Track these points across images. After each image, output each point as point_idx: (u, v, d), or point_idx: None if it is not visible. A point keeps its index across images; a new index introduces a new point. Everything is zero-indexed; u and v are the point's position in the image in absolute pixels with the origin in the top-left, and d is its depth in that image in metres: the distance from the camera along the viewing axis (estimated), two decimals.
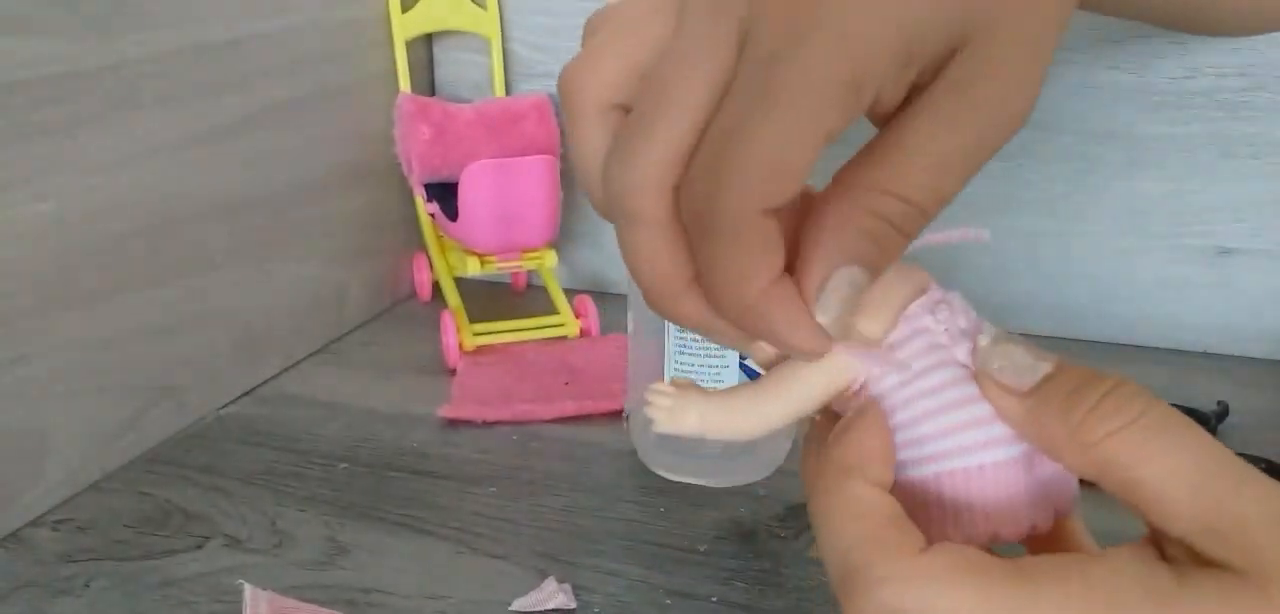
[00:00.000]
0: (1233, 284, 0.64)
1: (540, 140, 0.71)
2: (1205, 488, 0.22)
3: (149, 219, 0.53)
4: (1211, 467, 0.22)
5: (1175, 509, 0.22)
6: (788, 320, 0.24)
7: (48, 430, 0.48)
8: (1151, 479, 0.22)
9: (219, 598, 0.42)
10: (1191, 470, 0.22)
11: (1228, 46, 0.61)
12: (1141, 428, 0.23)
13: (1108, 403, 0.23)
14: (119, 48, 0.51)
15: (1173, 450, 0.23)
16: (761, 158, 0.22)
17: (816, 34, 0.22)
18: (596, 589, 0.43)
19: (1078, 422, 0.23)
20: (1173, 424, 0.23)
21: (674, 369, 0.49)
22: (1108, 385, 0.24)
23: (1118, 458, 0.23)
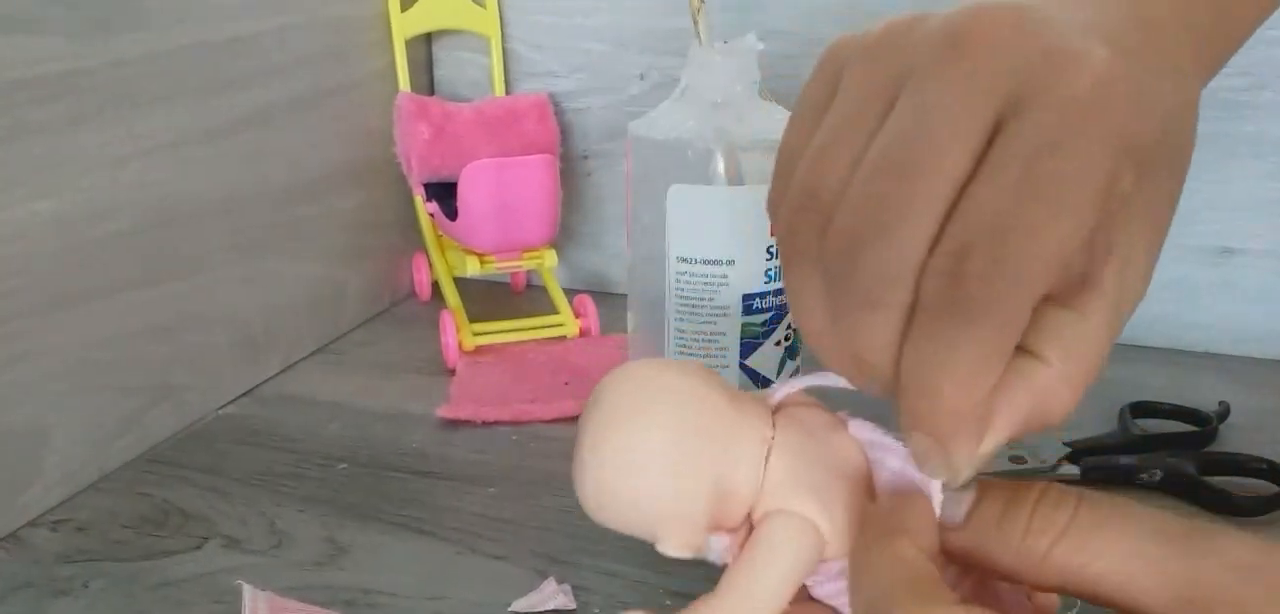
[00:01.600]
0: (1234, 284, 0.64)
1: (540, 140, 0.71)
2: (1167, 560, 0.22)
3: (149, 219, 0.53)
4: (1164, 537, 0.22)
5: (1144, 589, 0.22)
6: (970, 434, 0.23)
7: (47, 430, 0.48)
8: (1113, 569, 0.22)
9: (218, 598, 0.42)
10: (1146, 548, 0.22)
11: None
12: (1079, 528, 0.23)
13: (1040, 513, 0.23)
14: (119, 48, 0.50)
15: (1119, 535, 0.22)
16: (1047, 252, 0.21)
17: (1093, 126, 0.22)
18: (596, 589, 0.42)
19: (1018, 544, 0.23)
20: (1109, 510, 0.23)
21: None
22: (1033, 496, 0.23)
23: (1069, 563, 0.23)
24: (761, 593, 0.26)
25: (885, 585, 0.23)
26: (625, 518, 0.27)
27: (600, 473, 0.27)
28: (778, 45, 0.69)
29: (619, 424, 0.27)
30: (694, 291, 0.48)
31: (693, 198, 0.47)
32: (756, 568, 0.26)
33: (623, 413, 0.27)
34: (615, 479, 0.27)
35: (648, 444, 0.26)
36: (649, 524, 0.27)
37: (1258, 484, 0.48)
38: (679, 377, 0.28)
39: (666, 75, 0.72)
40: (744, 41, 0.48)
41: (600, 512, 0.28)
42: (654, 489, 0.26)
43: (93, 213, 0.50)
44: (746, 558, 0.26)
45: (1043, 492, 0.23)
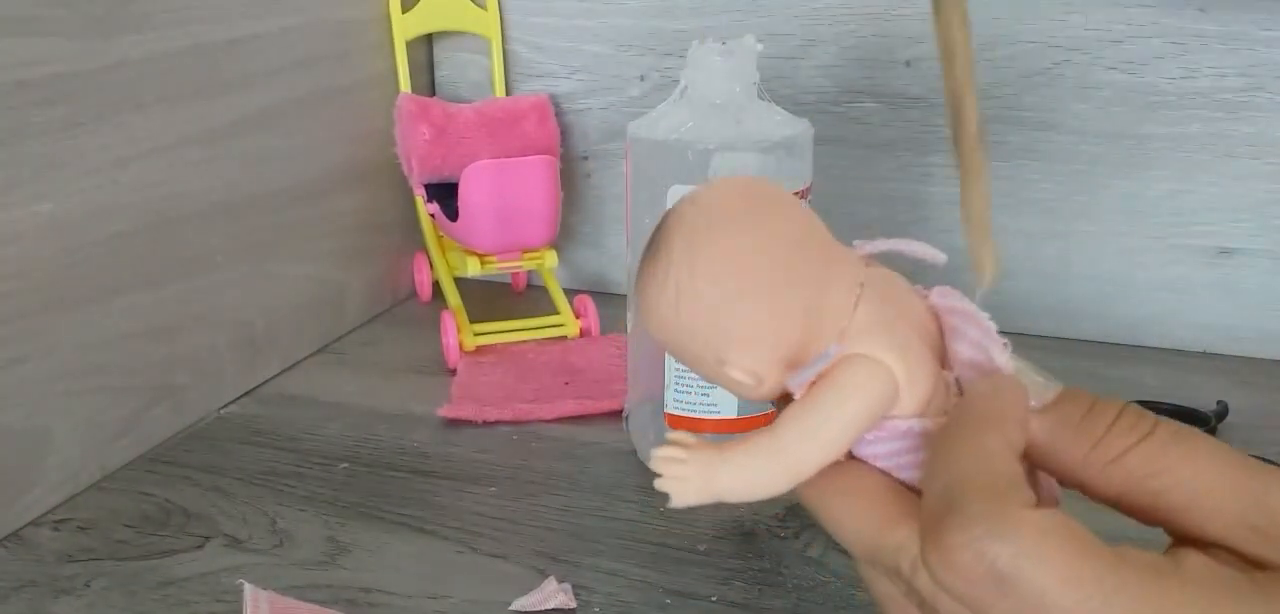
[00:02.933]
0: (1233, 284, 0.64)
1: (540, 140, 0.71)
2: (1237, 486, 0.22)
3: (149, 219, 0.53)
4: (1236, 466, 0.22)
5: (1212, 508, 0.22)
6: None
7: (48, 430, 0.48)
8: (1181, 484, 0.22)
9: (219, 598, 0.42)
10: (1218, 471, 0.22)
11: (1228, 46, 0.61)
12: (1158, 439, 0.23)
13: (1122, 422, 0.23)
14: (119, 48, 0.51)
15: (1194, 455, 0.23)
16: None
17: None
18: (596, 589, 0.43)
19: (1096, 441, 0.23)
20: (1187, 433, 0.23)
21: (673, 368, 0.49)
22: (1118, 408, 0.24)
23: (1140, 470, 0.23)
24: (827, 432, 0.24)
25: (964, 473, 0.22)
26: (701, 330, 0.25)
27: (693, 274, 0.24)
28: (777, 46, 0.69)
29: (725, 226, 0.25)
30: None
31: None
32: (827, 406, 0.24)
33: (729, 216, 0.25)
34: (710, 281, 0.24)
35: (754, 250, 0.24)
36: (724, 341, 0.25)
37: None
38: (783, 196, 0.26)
39: (666, 76, 0.72)
40: (743, 42, 0.48)
41: (675, 316, 0.25)
42: (749, 302, 0.24)
43: (94, 214, 0.50)
44: (818, 394, 0.24)
45: (1125, 406, 0.24)
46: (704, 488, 0.24)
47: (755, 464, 0.24)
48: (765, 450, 0.24)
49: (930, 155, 0.67)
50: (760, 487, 0.24)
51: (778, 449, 0.24)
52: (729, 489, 0.24)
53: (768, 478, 0.24)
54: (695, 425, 0.49)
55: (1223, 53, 0.61)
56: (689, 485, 0.24)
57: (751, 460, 0.24)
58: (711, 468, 0.24)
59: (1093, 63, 0.63)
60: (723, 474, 0.24)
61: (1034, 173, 0.66)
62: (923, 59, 0.66)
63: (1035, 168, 0.66)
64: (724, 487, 0.24)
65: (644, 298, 0.26)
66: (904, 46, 0.66)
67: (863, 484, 0.25)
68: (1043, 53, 0.64)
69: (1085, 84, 0.64)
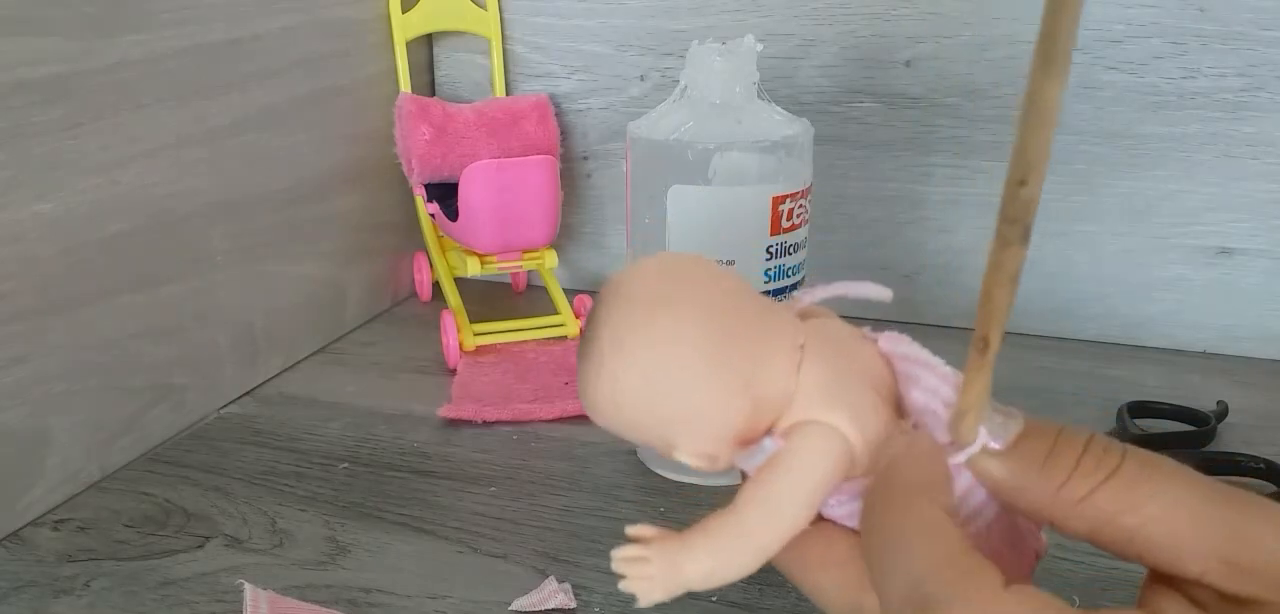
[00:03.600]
0: (1233, 284, 0.64)
1: (540, 140, 0.71)
2: (1210, 518, 0.21)
3: (148, 219, 0.53)
4: (1206, 497, 0.22)
5: (1185, 545, 0.21)
6: None
7: (48, 430, 0.48)
8: (1151, 520, 0.22)
9: (219, 598, 0.42)
10: (1188, 505, 0.22)
11: (1228, 46, 0.61)
12: (1126, 476, 0.22)
13: (1088, 459, 0.23)
14: (118, 47, 0.51)
15: (1163, 490, 0.22)
16: None
17: None
18: (596, 589, 0.43)
19: (1061, 482, 0.23)
20: (1155, 465, 0.22)
21: None
22: (1083, 440, 0.23)
23: (1108, 508, 0.22)
24: (789, 507, 0.24)
25: (927, 568, 0.22)
26: (643, 422, 0.24)
27: (623, 370, 0.24)
28: (777, 46, 0.69)
29: (648, 316, 0.24)
30: None
31: (692, 198, 0.47)
32: (786, 482, 0.24)
33: (652, 304, 0.24)
34: (641, 377, 0.24)
35: (681, 338, 0.24)
36: (669, 429, 0.24)
37: (1257, 484, 0.48)
38: (707, 268, 0.25)
39: (666, 76, 0.72)
40: (743, 42, 0.48)
41: (616, 413, 0.25)
42: (685, 389, 0.24)
43: (94, 214, 0.50)
44: (774, 468, 0.24)
45: (1091, 438, 0.23)
46: (670, 583, 0.24)
47: (720, 551, 0.24)
48: (730, 534, 0.24)
49: (930, 155, 0.67)
50: (727, 572, 0.24)
51: (741, 533, 0.24)
52: (696, 579, 0.24)
53: (735, 563, 0.24)
54: None
55: (1223, 53, 0.61)
56: (654, 584, 0.24)
57: (716, 547, 0.24)
58: (675, 561, 0.24)
59: (1093, 63, 0.63)
60: (687, 566, 0.24)
61: None
62: (923, 59, 0.66)
63: None
64: (690, 578, 0.24)
65: (583, 392, 0.25)
66: (904, 46, 0.66)
67: (836, 552, 0.25)
68: None
69: (1085, 84, 0.64)
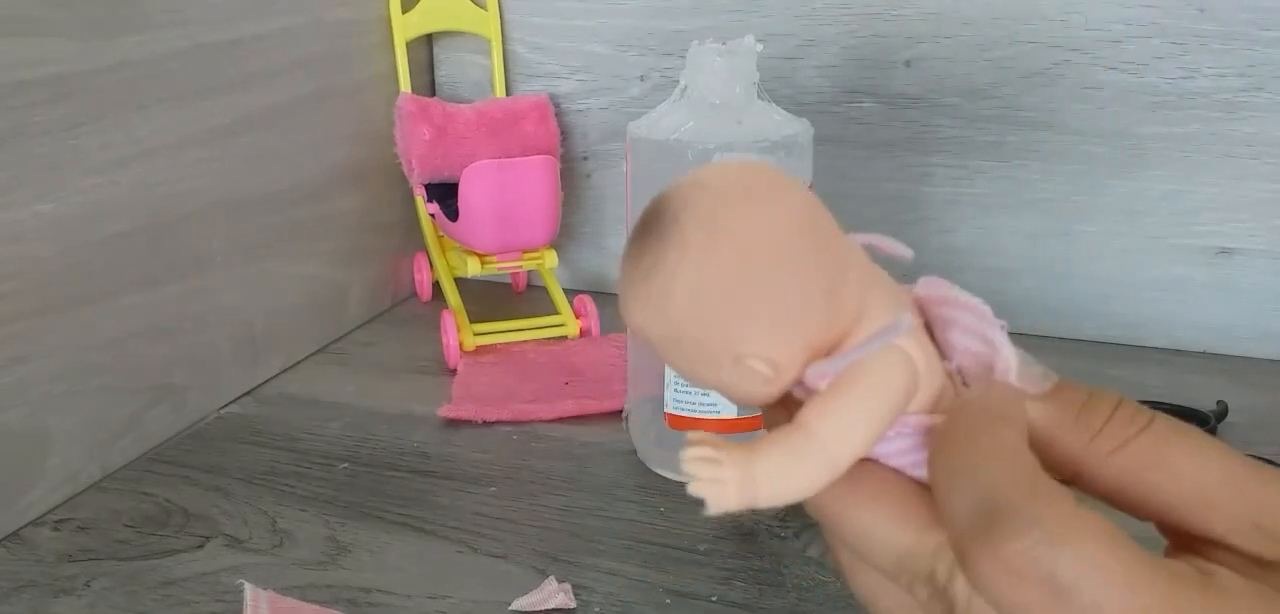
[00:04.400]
0: (1233, 284, 0.64)
1: (540, 140, 0.71)
2: (1237, 482, 0.22)
3: (149, 219, 0.53)
4: (1238, 462, 0.22)
5: (1213, 503, 0.22)
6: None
7: (48, 430, 0.48)
8: (1181, 478, 0.22)
9: (219, 597, 0.42)
10: (1220, 467, 0.22)
11: (1228, 46, 0.61)
12: (1158, 431, 0.22)
13: (1121, 413, 0.23)
14: (119, 48, 0.51)
15: (1195, 450, 0.22)
16: None
17: None
18: (596, 589, 0.43)
19: (1095, 430, 0.23)
20: (1184, 428, 0.23)
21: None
22: (1115, 398, 0.23)
23: (1135, 464, 0.22)
24: (862, 422, 0.22)
25: (999, 481, 0.21)
26: (719, 321, 0.22)
27: (715, 254, 0.22)
28: (777, 46, 0.69)
29: (742, 201, 0.22)
30: None
31: None
32: (860, 397, 0.22)
33: (744, 191, 0.23)
34: (735, 263, 0.22)
35: (776, 227, 0.22)
36: (749, 328, 0.23)
37: None
38: (781, 174, 0.23)
39: (666, 76, 0.72)
40: (743, 42, 0.48)
41: (690, 309, 0.22)
42: (777, 280, 0.22)
43: (95, 214, 0.50)
44: (848, 384, 0.22)
45: (1122, 399, 0.23)
46: (743, 491, 0.22)
47: (793, 463, 0.22)
48: (802, 449, 0.22)
49: (930, 155, 0.67)
50: (799, 487, 0.23)
51: (816, 446, 0.22)
52: (768, 491, 0.22)
53: (807, 476, 0.22)
54: (697, 425, 0.49)
55: (1223, 53, 0.61)
56: (727, 489, 0.22)
57: (789, 459, 0.22)
58: (748, 468, 0.22)
59: (1093, 63, 0.63)
60: (759, 474, 0.22)
61: (1034, 173, 0.66)
62: (923, 59, 0.66)
63: (1035, 168, 0.66)
64: (761, 487, 0.22)
65: (645, 290, 0.23)
66: (904, 46, 0.66)
67: (889, 488, 0.23)
68: (1043, 53, 0.64)
69: (1085, 84, 0.64)
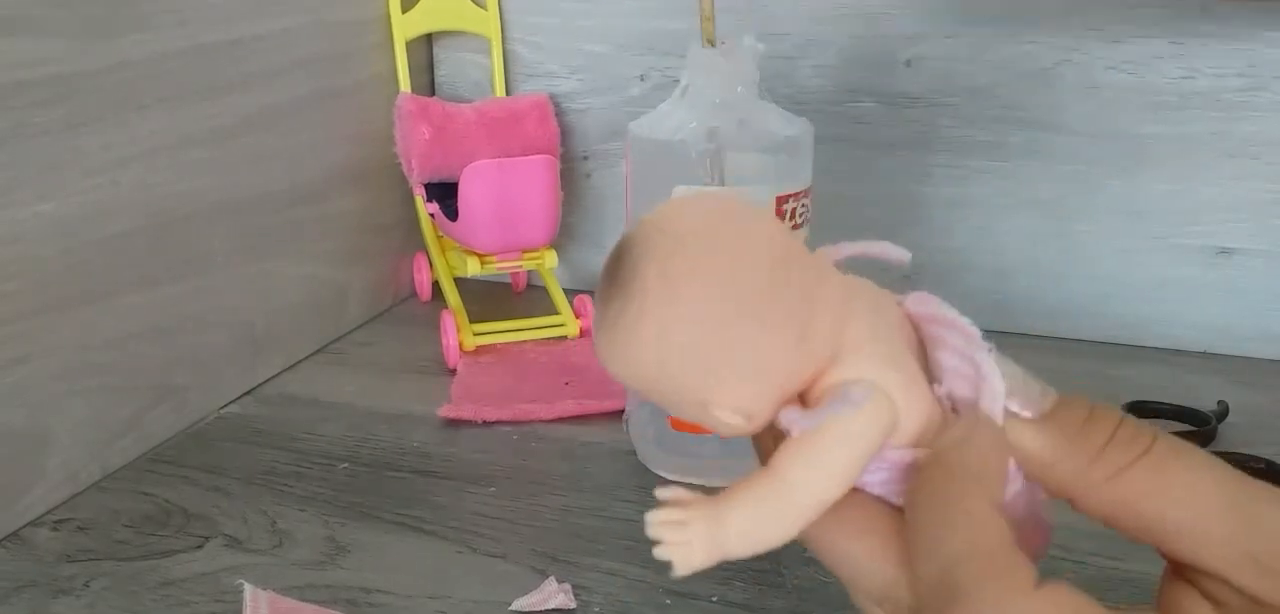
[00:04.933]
0: (1233, 284, 0.64)
1: (540, 140, 0.71)
2: (1234, 509, 0.21)
3: (149, 219, 0.53)
4: (1238, 490, 0.21)
5: (1211, 536, 0.21)
6: None
7: (48, 430, 0.48)
8: (1177, 504, 0.21)
9: (219, 598, 0.42)
10: (1216, 494, 0.21)
11: (1228, 46, 0.61)
12: (1157, 455, 0.22)
13: (1122, 433, 0.22)
14: (119, 48, 0.51)
15: (1193, 477, 0.22)
16: None
17: None
18: (596, 589, 0.43)
19: (1093, 455, 0.22)
20: (1185, 450, 0.22)
21: None
22: (1116, 417, 0.22)
23: (1134, 490, 0.22)
24: (837, 467, 0.22)
25: (960, 554, 0.21)
26: (684, 373, 0.22)
27: (674, 311, 0.21)
28: (777, 46, 0.69)
29: (704, 253, 0.22)
30: None
31: None
32: (832, 442, 0.22)
33: (705, 240, 0.22)
34: (695, 319, 0.22)
35: (739, 279, 0.22)
36: (713, 380, 0.22)
37: None
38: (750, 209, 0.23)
39: (666, 76, 0.72)
40: (744, 42, 0.48)
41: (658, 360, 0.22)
42: (741, 333, 0.22)
43: (94, 214, 0.50)
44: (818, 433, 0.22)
45: (1123, 418, 0.22)
46: (710, 548, 0.22)
47: (762, 513, 0.22)
48: (772, 496, 0.22)
49: (930, 155, 0.67)
50: (770, 537, 0.22)
51: (784, 494, 0.22)
52: (737, 544, 0.22)
53: (777, 527, 0.22)
54: (697, 426, 0.49)
55: (1223, 53, 0.61)
56: (694, 550, 0.22)
57: (758, 509, 0.22)
58: (716, 525, 0.22)
59: (1093, 63, 0.63)
60: (729, 529, 0.22)
61: (1034, 173, 0.66)
62: (923, 59, 0.66)
63: (1035, 168, 0.66)
64: (732, 542, 0.22)
65: (610, 339, 0.22)
66: (904, 46, 0.66)
67: (874, 522, 0.24)
68: (1043, 53, 0.64)
69: (1085, 84, 0.64)
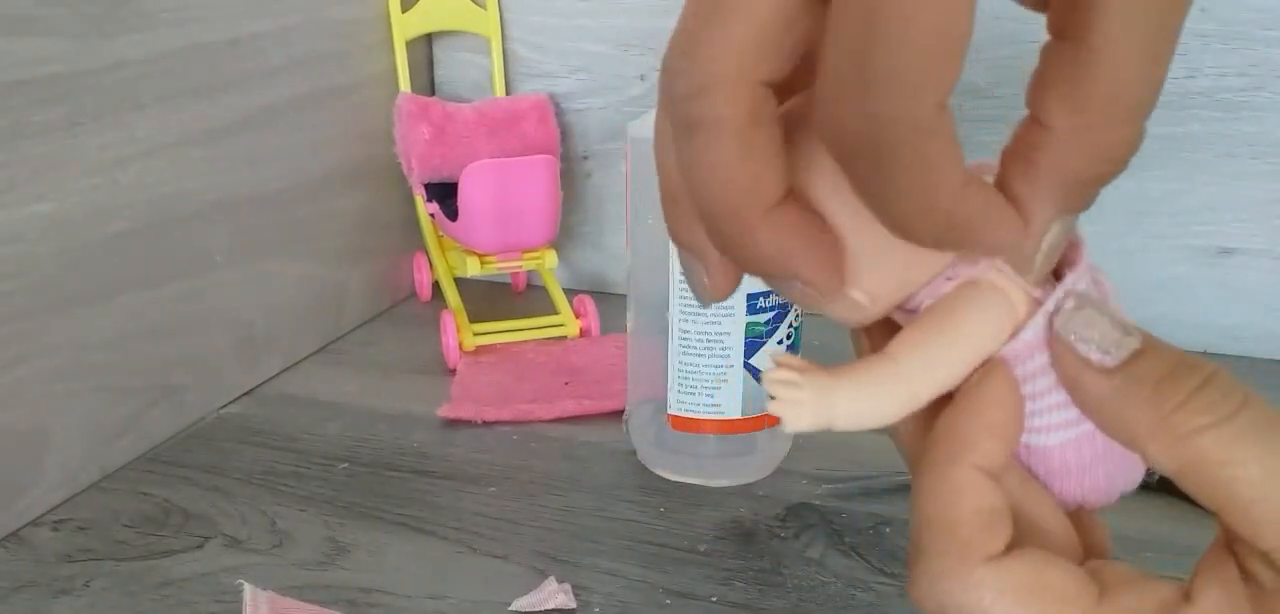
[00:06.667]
0: (1233, 284, 0.64)
1: (540, 140, 0.71)
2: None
3: (149, 219, 0.53)
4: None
5: (1267, 519, 0.20)
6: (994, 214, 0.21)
7: (48, 430, 0.48)
8: (1243, 483, 0.20)
9: (219, 598, 0.42)
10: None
11: (1228, 46, 0.61)
12: (1238, 426, 0.21)
13: (1203, 396, 0.21)
14: (119, 48, 0.51)
15: (1270, 455, 0.20)
16: (928, 33, 0.18)
17: None
18: (596, 589, 0.43)
19: (1168, 411, 0.21)
20: (1272, 427, 0.21)
21: (677, 368, 0.49)
22: (1204, 375, 0.21)
23: (1209, 456, 0.21)
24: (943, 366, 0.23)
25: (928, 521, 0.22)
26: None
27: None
28: None
29: None
30: None
31: None
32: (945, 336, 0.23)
33: None
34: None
35: None
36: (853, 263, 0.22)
37: None
38: None
39: None
40: None
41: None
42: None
43: (94, 214, 0.50)
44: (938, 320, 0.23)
45: (1213, 373, 0.21)
46: (818, 413, 0.23)
47: (873, 390, 0.23)
48: (886, 378, 0.23)
49: None
50: (876, 414, 0.23)
51: (896, 374, 0.23)
52: (845, 416, 0.23)
53: (885, 407, 0.23)
54: (698, 426, 0.49)
55: (1223, 53, 0.61)
56: (803, 409, 0.23)
57: (869, 386, 0.23)
58: (828, 392, 0.23)
59: None
60: (840, 398, 0.23)
61: None
62: None
63: None
64: (840, 412, 0.23)
65: None
66: None
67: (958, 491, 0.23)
68: None
69: None
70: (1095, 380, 0.22)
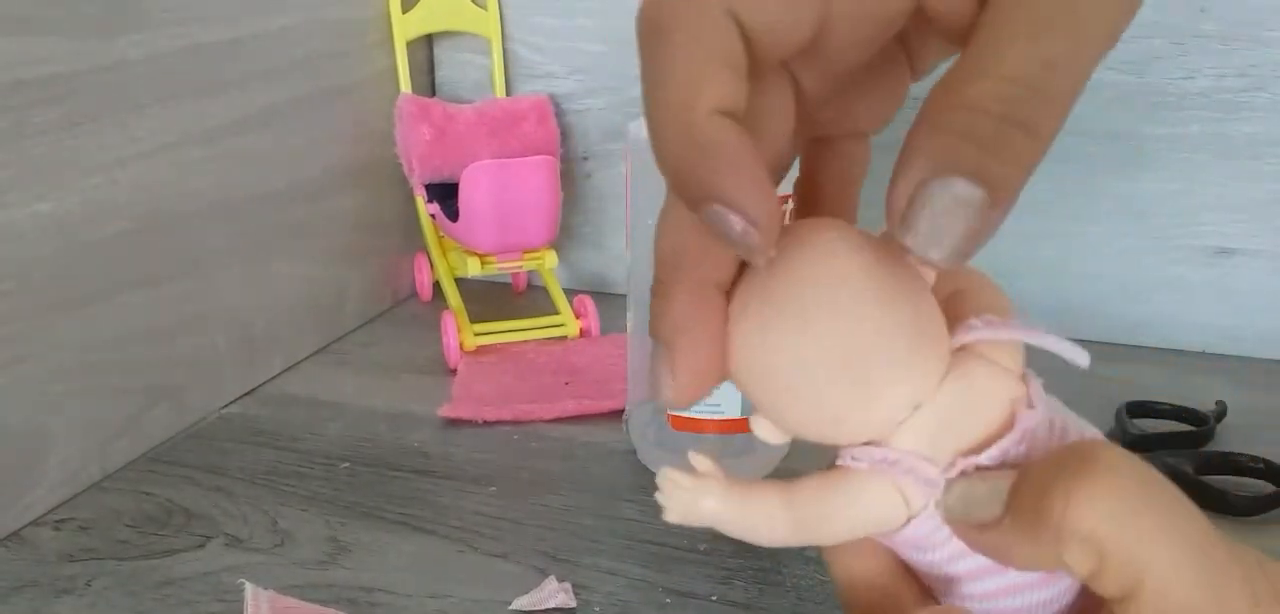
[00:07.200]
0: (1232, 284, 0.64)
1: (540, 141, 0.71)
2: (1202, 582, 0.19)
3: (149, 219, 0.53)
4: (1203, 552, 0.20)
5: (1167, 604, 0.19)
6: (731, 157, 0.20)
7: (49, 430, 0.48)
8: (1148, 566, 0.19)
9: (220, 597, 0.42)
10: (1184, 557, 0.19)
11: (1228, 46, 0.61)
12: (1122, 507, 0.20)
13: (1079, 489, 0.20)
14: (118, 48, 0.51)
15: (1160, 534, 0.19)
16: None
17: None
18: (596, 588, 0.43)
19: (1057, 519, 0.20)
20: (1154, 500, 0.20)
21: None
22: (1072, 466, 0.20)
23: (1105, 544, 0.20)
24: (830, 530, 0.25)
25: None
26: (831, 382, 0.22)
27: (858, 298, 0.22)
28: None
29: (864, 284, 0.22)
30: None
31: None
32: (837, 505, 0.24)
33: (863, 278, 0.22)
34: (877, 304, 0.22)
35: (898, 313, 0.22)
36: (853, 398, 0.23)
37: (1255, 484, 0.48)
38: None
39: None
40: None
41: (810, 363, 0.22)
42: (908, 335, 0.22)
43: (94, 214, 0.50)
44: (836, 488, 0.24)
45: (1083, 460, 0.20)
46: (695, 510, 0.25)
47: (750, 521, 0.25)
48: (767, 515, 0.25)
49: None
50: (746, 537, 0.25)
51: (782, 521, 0.25)
52: (720, 519, 0.25)
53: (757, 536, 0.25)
54: (698, 425, 0.49)
55: (1223, 53, 0.61)
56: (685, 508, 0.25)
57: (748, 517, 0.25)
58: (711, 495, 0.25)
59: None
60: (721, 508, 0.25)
61: (1034, 173, 0.66)
62: None
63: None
64: (716, 517, 0.25)
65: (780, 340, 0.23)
66: None
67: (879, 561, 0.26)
68: None
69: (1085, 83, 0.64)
70: (992, 540, 0.22)
